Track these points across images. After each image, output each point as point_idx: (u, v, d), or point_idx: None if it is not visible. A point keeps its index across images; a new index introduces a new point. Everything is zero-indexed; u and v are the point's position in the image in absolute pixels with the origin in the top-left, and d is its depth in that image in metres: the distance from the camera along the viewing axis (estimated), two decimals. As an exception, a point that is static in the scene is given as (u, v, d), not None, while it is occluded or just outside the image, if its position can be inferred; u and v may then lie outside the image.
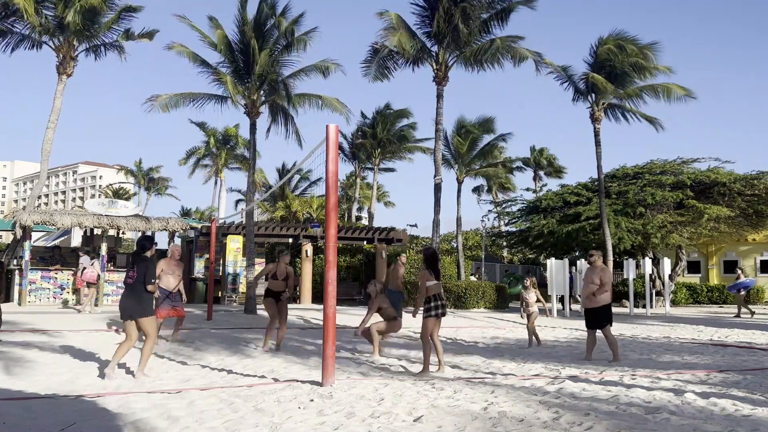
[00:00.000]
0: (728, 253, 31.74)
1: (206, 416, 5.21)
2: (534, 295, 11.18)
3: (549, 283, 20.20)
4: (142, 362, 7.10)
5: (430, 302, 7.70)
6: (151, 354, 7.22)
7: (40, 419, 5.05)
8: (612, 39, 22.12)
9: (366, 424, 4.99)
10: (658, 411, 5.58)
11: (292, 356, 9.04)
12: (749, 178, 24.67)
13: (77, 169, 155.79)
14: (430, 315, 7.67)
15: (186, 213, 65.82)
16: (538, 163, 54.44)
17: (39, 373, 7.33)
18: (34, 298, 18.91)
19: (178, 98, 18.98)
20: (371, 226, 30.37)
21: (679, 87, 22.36)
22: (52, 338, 10.67)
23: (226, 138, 50.59)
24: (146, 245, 7.27)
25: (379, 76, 21.59)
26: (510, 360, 9.10)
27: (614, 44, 21.92)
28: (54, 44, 21.30)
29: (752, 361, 9.18)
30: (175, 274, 10.22)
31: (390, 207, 52.46)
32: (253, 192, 20.89)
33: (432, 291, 7.68)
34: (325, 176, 7.03)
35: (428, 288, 7.67)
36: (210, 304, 15.86)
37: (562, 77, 23.35)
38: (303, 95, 19.75)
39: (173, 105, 18.89)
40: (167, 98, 18.82)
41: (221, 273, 22.09)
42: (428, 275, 7.69)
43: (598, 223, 23.85)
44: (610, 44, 21.97)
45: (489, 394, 6.28)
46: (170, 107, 18.84)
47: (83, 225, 20.36)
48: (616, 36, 22.17)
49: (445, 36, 20.27)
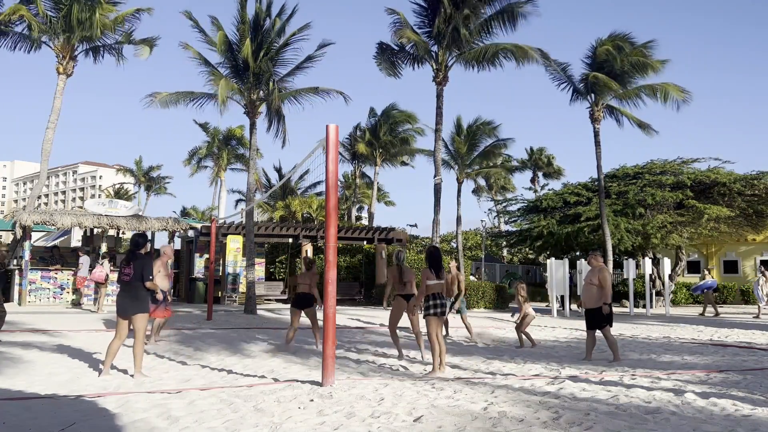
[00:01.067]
0: (728, 253, 31.73)
1: (206, 416, 5.21)
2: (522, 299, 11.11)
3: (549, 283, 20.21)
4: (137, 362, 7.08)
5: (429, 300, 7.70)
6: (143, 351, 7.20)
7: (40, 419, 5.05)
8: (609, 40, 22.18)
9: (366, 424, 4.99)
10: (658, 411, 5.58)
11: (292, 356, 9.05)
12: (749, 178, 24.66)
13: (77, 169, 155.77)
14: (429, 313, 7.66)
15: (186, 213, 65.80)
16: (537, 163, 54.39)
17: (39, 373, 7.33)
18: (34, 298, 18.91)
19: (178, 96, 18.99)
20: (371, 226, 30.38)
21: (677, 89, 22.35)
22: (52, 338, 10.68)
23: (228, 138, 50.56)
24: (140, 242, 7.29)
25: (392, 73, 21.65)
26: (510, 360, 9.11)
27: (612, 45, 21.95)
28: (54, 44, 21.30)
29: (752, 361, 9.17)
30: (167, 275, 10.25)
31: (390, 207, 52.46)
32: (254, 192, 20.88)
33: (432, 290, 7.68)
34: (325, 176, 7.03)
35: (429, 286, 7.67)
36: (210, 304, 15.86)
37: (561, 78, 23.36)
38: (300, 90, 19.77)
39: (173, 102, 18.89)
40: (167, 96, 18.84)
41: (221, 273, 22.10)
42: (429, 274, 7.69)
43: (598, 224, 23.85)
44: (608, 45, 22.00)
45: (489, 394, 6.28)
46: (170, 104, 18.84)
47: (83, 225, 20.38)
48: (614, 37, 22.21)
49: (445, 37, 20.29)
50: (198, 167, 52.51)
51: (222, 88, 17.66)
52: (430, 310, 7.67)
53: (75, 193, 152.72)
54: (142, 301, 7.08)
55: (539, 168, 54.58)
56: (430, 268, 7.74)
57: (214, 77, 18.61)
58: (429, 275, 7.68)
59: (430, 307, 7.67)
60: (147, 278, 7.05)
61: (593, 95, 22.89)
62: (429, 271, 7.71)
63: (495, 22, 20.42)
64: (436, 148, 21.20)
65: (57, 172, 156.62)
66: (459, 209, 32.62)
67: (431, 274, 7.68)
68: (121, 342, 7.15)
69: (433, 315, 7.67)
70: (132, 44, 22.45)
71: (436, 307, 7.67)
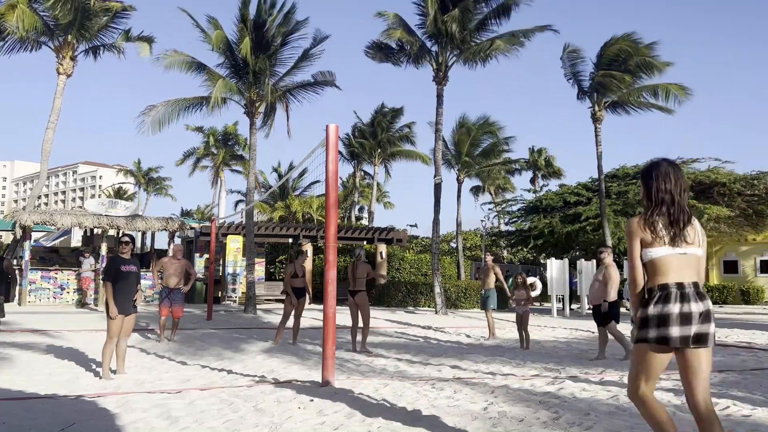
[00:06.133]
0: (728, 253, 31.73)
1: (206, 416, 5.21)
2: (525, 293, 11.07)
3: (549, 283, 20.20)
4: (103, 363, 6.99)
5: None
6: (109, 356, 7.02)
7: (40, 419, 5.05)
8: (616, 40, 22.14)
9: (366, 424, 4.98)
10: (658, 411, 5.57)
11: (292, 356, 9.04)
12: (749, 178, 24.69)
13: (77, 169, 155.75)
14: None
15: (186, 213, 65.78)
16: (537, 164, 54.37)
17: (39, 373, 7.33)
18: (34, 298, 18.92)
19: (172, 109, 18.91)
20: (371, 226, 30.37)
21: (678, 87, 22.35)
22: (52, 338, 10.68)
23: (226, 137, 50.59)
24: (120, 241, 7.24)
25: (396, 62, 21.52)
26: (510, 360, 9.10)
27: (621, 45, 21.91)
28: (53, 45, 21.30)
29: (752, 361, 9.17)
30: (177, 273, 10.32)
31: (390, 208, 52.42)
32: (253, 192, 20.89)
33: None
34: (325, 176, 7.02)
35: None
36: (210, 304, 15.87)
37: (569, 74, 23.32)
38: (298, 85, 19.79)
39: (166, 121, 18.81)
40: (162, 107, 18.77)
41: (221, 273, 22.09)
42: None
43: (598, 223, 23.86)
44: (620, 44, 21.95)
45: (489, 394, 6.27)
46: (163, 124, 18.75)
47: (83, 225, 20.39)
48: (623, 37, 22.15)
49: (443, 36, 20.24)
50: (195, 167, 52.56)
51: (218, 88, 17.68)
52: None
53: (75, 193, 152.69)
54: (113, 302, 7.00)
55: (539, 169, 54.57)
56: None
57: (211, 78, 18.62)
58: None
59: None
60: (106, 278, 6.97)
61: (596, 94, 22.87)
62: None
63: (492, 19, 20.35)
64: (436, 148, 21.19)
65: (57, 172, 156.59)
66: (459, 209, 32.63)
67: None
68: (113, 342, 7.05)
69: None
70: (130, 41, 22.44)
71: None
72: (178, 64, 18.42)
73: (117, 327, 6.98)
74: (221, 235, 21.88)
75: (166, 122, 18.82)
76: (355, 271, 9.92)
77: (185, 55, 18.58)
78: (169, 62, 18.37)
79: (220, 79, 18.33)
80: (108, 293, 6.88)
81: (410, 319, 16.83)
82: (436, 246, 20.09)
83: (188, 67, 18.64)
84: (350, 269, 10.04)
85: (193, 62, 18.73)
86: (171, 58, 18.42)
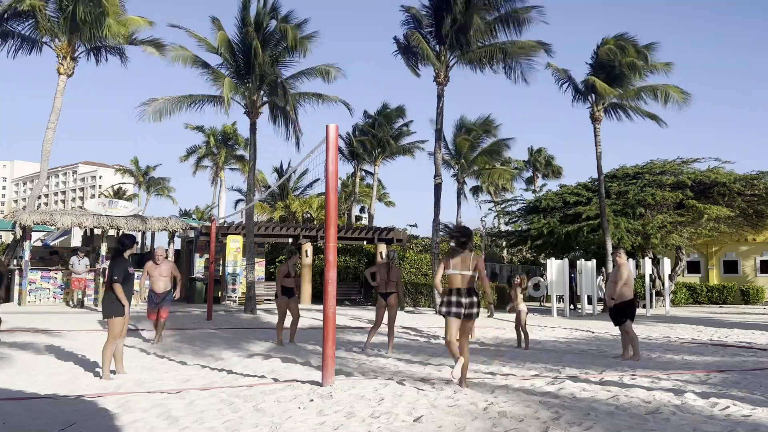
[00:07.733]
0: (728, 253, 31.74)
1: (206, 416, 5.21)
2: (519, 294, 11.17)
3: (549, 283, 20.20)
4: (103, 364, 6.99)
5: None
6: (109, 357, 7.03)
7: (40, 419, 5.05)
8: (612, 40, 22.12)
9: (366, 424, 4.99)
10: (658, 411, 5.58)
11: (292, 356, 9.04)
12: (749, 178, 24.66)
13: (77, 169, 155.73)
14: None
15: (186, 213, 65.75)
16: (536, 164, 54.35)
17: (39, 373, 7.33)
18: (34, 298, 18.91)
19: (173, 103, 18.91)
20: (371, 226, 30.38)
21: (678, 90, 22.32)
22: (52, 338, 10.68)
23: (225, 137, 50.62)
24: (126, 243, 7.19)
25: (415, 71, 21.44)
26: (510, 360, 9.10)
27: (614, 45, 21.88)
28: (55, 45, 21.29)
29: (752, 361, 9.18)
30: (162, 277, 10.23)
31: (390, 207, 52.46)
32: (253, 192, 20.89)
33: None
34: (325, 176, 7.01)
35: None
36: (210, 304, 15.87)
37: (563, 78, 23.33)
38: (302, 94, 19.76)
39: (168, 112, 18.81)
40: (163, 102, 18.76)
41: (221, 273, 22.09)
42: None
43: (598, 224, 23.84)
44: (611, 44, 21.94)
45: (489, 394, 6.27)
46: (164, 115, 18.75)
47: (83, 225, 20.38)
48: (617, 37, 22.16)
49: (448, 36, 20.17)
50: (198, 167, 52.58)
51: (226, 87, 17.66)
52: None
53: (75, 193, 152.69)
54: (107, 303, 7.01)
55: (538, 169, 54.57)
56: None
57: (217, 78, 18.63)
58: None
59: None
60: (110, 279, 6.95)
61: (593, 96, 22.88)
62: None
63: (499, 24, 20.25)
64: (436, 149, 21.18)
65: (57, 172, 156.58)
66: (459, 210, 32.68)
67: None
68: (113, 343, 7.06)
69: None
70: (133, 45, 22.40)
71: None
72: (183, 59, 18.49)
73: (120, 328, 7.01)
74: (221, 235, 21.87)
75: (167, 113, 18.82)
76: (389, 274, 9.82)
77: (190, 52, 18.67)
78: (175, 55, 18.50)
79: (225, 78, 18.32)
80: (120, 294, 6.92)
81: (410, 319, 16.83)
82: (437, 246, 20.09)
83: (193, 62, 18.68)
84: (383, 271, 9.87)
85: (198, 59, 18.76)
86: (177, 52, 18.59)
